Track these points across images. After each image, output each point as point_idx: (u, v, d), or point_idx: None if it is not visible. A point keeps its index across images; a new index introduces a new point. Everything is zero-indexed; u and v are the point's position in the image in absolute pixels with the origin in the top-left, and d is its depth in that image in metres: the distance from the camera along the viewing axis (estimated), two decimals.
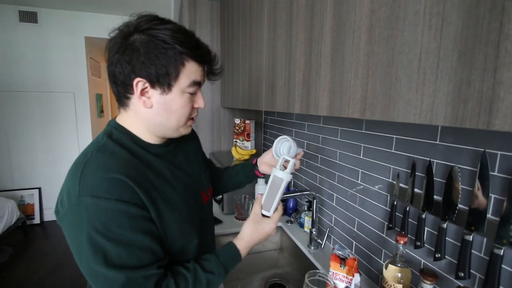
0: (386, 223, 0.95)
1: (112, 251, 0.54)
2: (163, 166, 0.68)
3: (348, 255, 0.85)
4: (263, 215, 0.79)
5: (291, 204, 1.60)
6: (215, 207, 1.69)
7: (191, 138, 0.87)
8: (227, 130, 2.12)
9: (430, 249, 0.81)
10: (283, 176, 0.77)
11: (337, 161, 1.21)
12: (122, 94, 0.63)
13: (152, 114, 0.63)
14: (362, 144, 1.05)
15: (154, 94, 0.61)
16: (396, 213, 0.90)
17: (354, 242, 1.12)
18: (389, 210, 0.93)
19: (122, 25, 0.61)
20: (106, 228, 0.54)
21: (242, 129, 1.98)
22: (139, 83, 0.59)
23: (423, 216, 0.80)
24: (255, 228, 0.77)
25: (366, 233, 1.05)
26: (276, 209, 0.79)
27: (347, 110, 0.58)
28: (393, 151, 0.91)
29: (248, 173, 0.99)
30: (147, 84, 0.60)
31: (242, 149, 1.95)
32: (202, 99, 0.69)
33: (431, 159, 0.78)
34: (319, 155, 1.35)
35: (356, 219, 1.10)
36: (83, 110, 3.67)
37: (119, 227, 0.55)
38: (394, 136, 0.90)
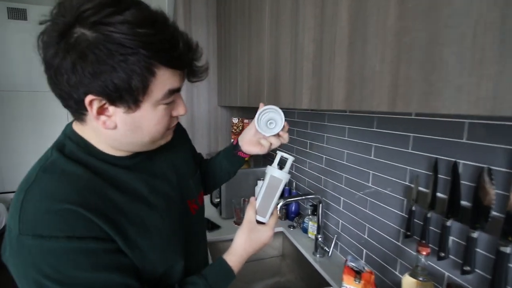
0: (402, 230, 0.87)
1: None
2: (136, 180, 0.55)
3: (363, 268, 0.76)
4: (258, 222, 0.68)
5: (293, 208, 1.51)
6: (213, 211, 1.59)
7: (176, 134, 0.75)
8: (225, 130, 2.03)
9: (455, 261, 0.72)
10: (281, 177, 0.67)
11: (344, 162, 1.12)
12: (74, 110, 0.47)
13: (116, 135, 0.49)
14: (373, 144, 0.96)
15: (117, 112, 0.45)
16: (415, 220, 0.81)
17: (364, 250, 1.03)
18: (406, 216, 0.84)
19: (55, 10, 0.42)
20: (58, 272, 0.42)
21: (241, 128, 1.89)
22: (93, 102, 0.43)
23: (448, 223, 0.71)
24: (249, 238, 0.65)
25: (378, 241, 0.96)
26: (272, 214, 0.69)
27: (371, 102, 0.49)
28: (410, 150, 0.82)
29: (231, 158, 0.81)
30: (104, 101, 0.44)
31: None
32: (183, 105, 0.53)
33: (457, 160, 0.69)
34: (324, 156, 1.26)
35: (367, 225, 1.01)
36: None
37: (76, 269, 0.43)
38: (411, 135, 0.81)
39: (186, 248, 0.63)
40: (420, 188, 0.80)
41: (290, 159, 0.69)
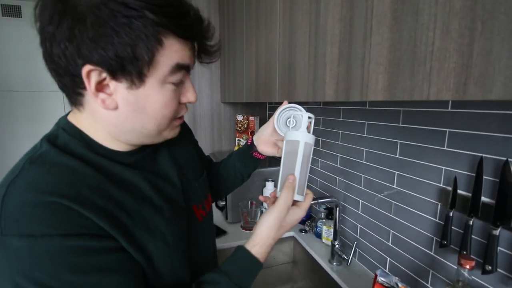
0: (435, 238, 0.77)
1: None
2: (138, 177, 0.48)
3: (397, 284, 0.66)
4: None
5: None
6: (218, 215, 1.50)
7: (180, 132, 0.65)
8: (229, 128, 1.92)
9: (504, 275, 0.62)
10: (312, 141, 0.54)
11: (363, 162, 1.02)
12: (70, 89, 0.42)
13: (118, 118, 0.43)
14: (399, 141, 0.86)
15: (119, 88, 0.40)
16: (452, 227, 0.71)
17: (388, 259, 0.93)
18: (441, 222, 0.74)
19: None
20: (54, 278, 0.36)
21: (246, 126, 1.79)
22: (91, 73, 0.38)
23: (496, 232, 0.61)
24: (280, 226, 0.53)
25: (404, 249, 0.87)
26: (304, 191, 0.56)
27: (426, 89, 0.39)
28: (445, 148, 0.72)
29: (245, 159, 0.74)
30: (105, 75, 0.38)
31: None
32: (193, 90, 0.47)
33: (509, 158, 0.59)
34: (338, 154, 1.16)
35: (391, 230, 0.92)
36: None
37: (75, 272, 0.37)
38: (447, 130, 0.71)
39: (193, 261, 0.54)
40: (459, 191, 0.70)
41: (305, 115, 0.57)
